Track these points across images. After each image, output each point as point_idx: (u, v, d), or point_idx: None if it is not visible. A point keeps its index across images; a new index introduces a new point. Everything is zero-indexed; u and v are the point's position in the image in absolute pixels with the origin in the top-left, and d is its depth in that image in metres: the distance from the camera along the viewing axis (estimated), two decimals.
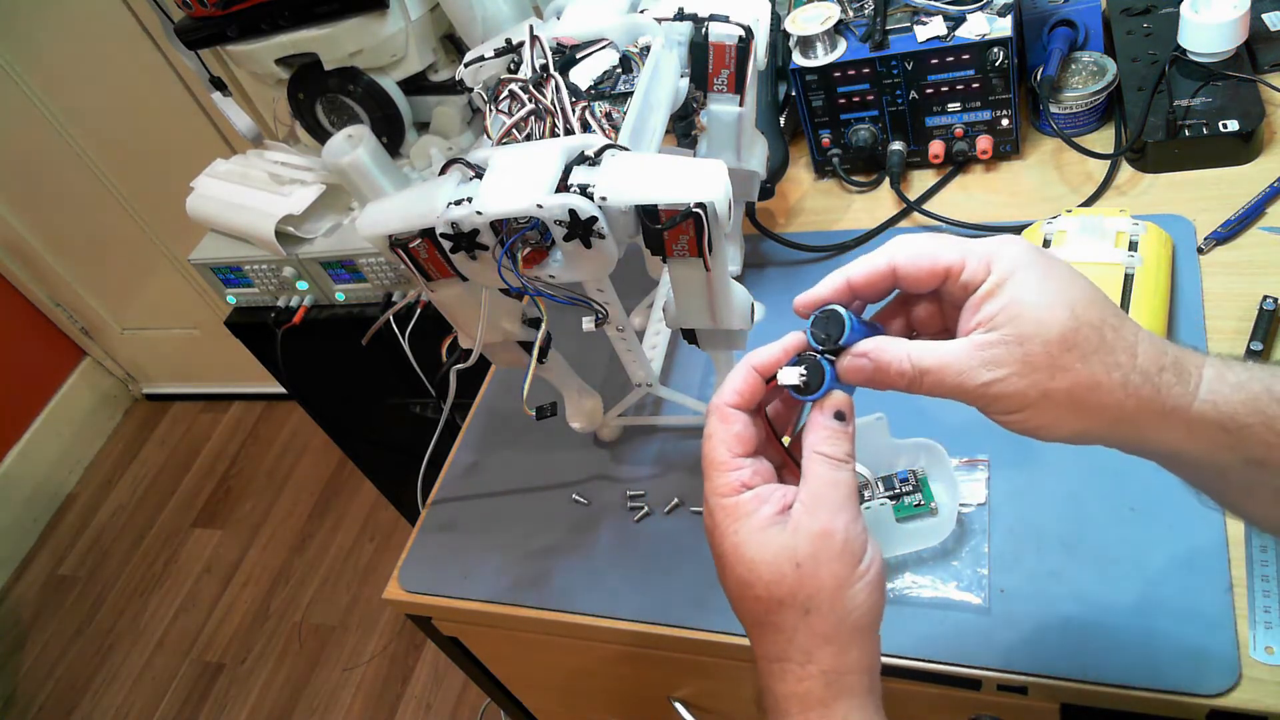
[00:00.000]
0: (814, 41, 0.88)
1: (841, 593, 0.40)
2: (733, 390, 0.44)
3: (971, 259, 0.40)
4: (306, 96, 1.04)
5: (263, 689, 1.95)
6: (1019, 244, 0.41)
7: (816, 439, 0.42)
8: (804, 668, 0.41)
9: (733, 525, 0.42)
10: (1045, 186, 0.89)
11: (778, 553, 0.40)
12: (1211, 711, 0.55)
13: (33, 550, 2.48)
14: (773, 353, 0.44)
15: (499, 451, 0.88)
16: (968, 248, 0.41)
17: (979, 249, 0.40)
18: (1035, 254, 0.40)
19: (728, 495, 0.42)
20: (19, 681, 2.15)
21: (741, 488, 0.42)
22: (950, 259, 0.40)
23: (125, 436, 2.71)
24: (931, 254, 0.41)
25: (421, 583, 0.80)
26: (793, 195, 0.99)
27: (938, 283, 0.41)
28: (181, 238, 2.13)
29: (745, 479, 0.43)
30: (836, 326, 0.42)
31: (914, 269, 0.41)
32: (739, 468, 0.43)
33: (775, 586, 0.40)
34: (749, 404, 0.44)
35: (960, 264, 0.40)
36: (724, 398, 0.44)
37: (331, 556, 2.15)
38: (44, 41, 1.81)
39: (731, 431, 0.43)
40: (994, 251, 0.40)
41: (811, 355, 0.43)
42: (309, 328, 1.20)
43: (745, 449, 0.43)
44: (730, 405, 0.44)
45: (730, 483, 0.42)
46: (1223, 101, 0.81)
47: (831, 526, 0.40)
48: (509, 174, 0.54)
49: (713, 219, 0.51)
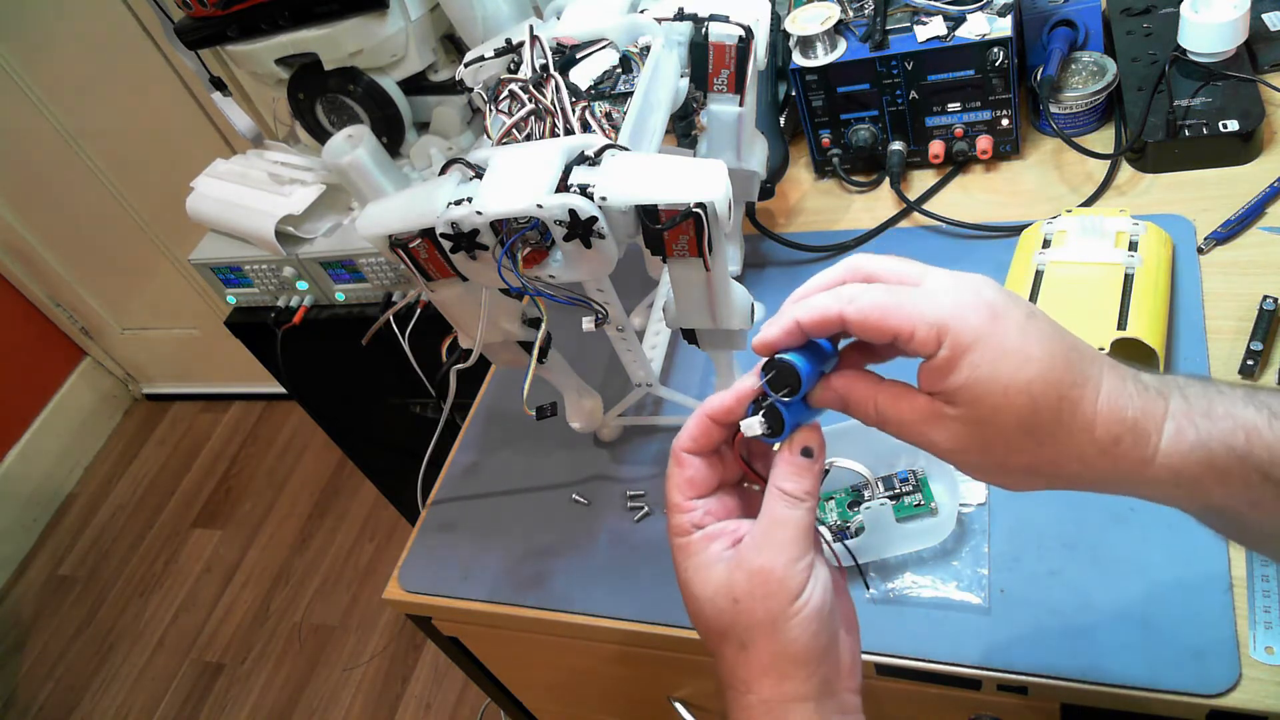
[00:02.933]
0: (814, 41, 0.88)
1: (775, 627, 0.41)
2: (688, 436, 0.45)
3: (921, 328, 0.38)
4: (306, 96, 1.04)
5: (263, 689, 1.95)
6: (972, 313, 0.38)
7: (778, 473, 0.43)
8: (745, 696, 0.42)
9: (683, 562, 0.44)
10: (1045, 186, 0.89)
11: (717, 589, 0.42)
12: (1211, 711, 0.55)
13: (33, 550, 2.48)
14: (725, 401, 0.44)
15: (499, 451, 0.88)
16: (918, 313, 0.38)
17: (930, 315, 0.38)
18: (990, 323, 0.38)
19: (679, 535, 0.44)
20: (19, 681, 2.15)
21: (691, 528, 0.44)
22: (898, 325, 0.38)
23: (125, 436, 2.71)
24: (879, 317, 0.39)
25: (421, 583, 0.80)
26: (793, 195, 0.99)
27: (888, 341, 0.40)
28: (181, 238, 2.13)
29: (695, 519, 0.44)
30: (792, 378, 0.41)
31: (862, 327, 0.40)
32: (690, 509, 0.44)
33: (715, 621, 0.42)
34: (703, 449, 0.45)
35: (909, 332, 0.38)
36: (680, 442, 0.45)
37: (331, 556, 2.15)
38: (44, 42, 1.81)
39: (685, 475, 0.44)
40: (945, 322, 0.38)
41: (769, 402, 0.42)
42: (309, 328, 1.20)
43: (697, 491, 0.45)
44: (685, 450, 0.45)
45: (681, 524, 0.44)
46: (1223, 101, 0.81)
47: (770, 565, 0.41)
48: (509, 174, 0.54)
49: (713, 219, 0.51)
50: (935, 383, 0.39)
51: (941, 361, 0.38)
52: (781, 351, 0.42)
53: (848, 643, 0.44)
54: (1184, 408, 0.39)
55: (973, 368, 0.38)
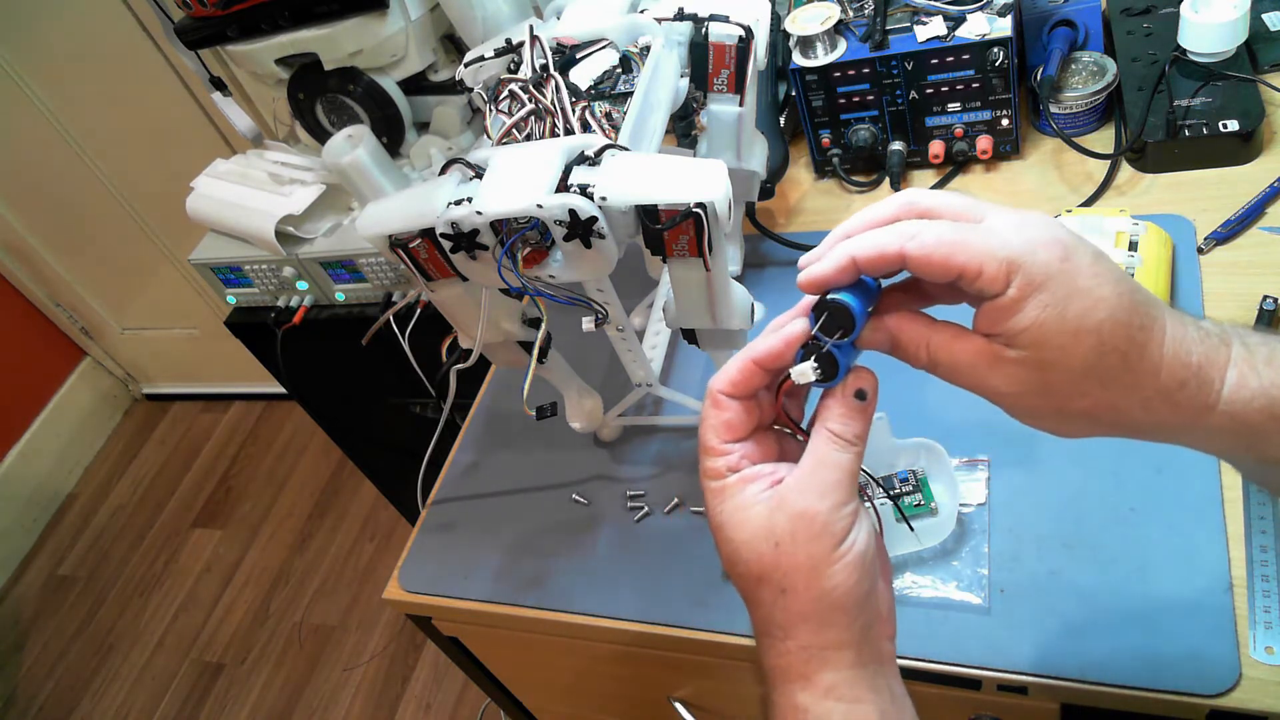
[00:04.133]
0: (814, 41, 0.88)
1: (818, 573, 0.40)
2: (727, 379, 0.43)
3: (990, 265, 0.36)
4: (306, 96, 1.04)
5: (263, 689, 1.95)
6: (1043, 251, 0.37)
7: (829, 415, 0.41)
8: (783, 643, 0.41)
9: (718, 505, 0.43)
10: (1045, 186, 0.89)
11: (755, 532, 0.41)
12: (1211, 711, 0.55)
13: (33, 550, 2.48)
14: (772, 346, 0.42)
15: (499, 451, 0.88)
16: (987, 250, 0.37)
17: (999, 252, 0.36)
18: (1061, 262, 0.37)
19: (714, 479, 0.43)
20: (19, 681, 2.15)
21: (727, 471, 0.43)
22: (964, 262, 0.37)
23: (125, 436, 2.71)
24: (945, 254, 0.37)
25: (421, 583, 0.80)
26: (793, 195, 0.99)
27: (951, 279, 0.38)
28: (181, 238, 2.13)
29: (732, 463, 0.43)
30: (846, 320, 0.40)
31: (925, 265, 0.38)
32: (726, 453, 0.43)
33: (754, 564, 0.41)
34: (743, 393, 0.43)
35: (977, 269, 0.37)
36: (718, 384, 0.43)
37: (331, 556, 2.15)
38: (44, 42, 1.81)
39: (722, 418, 0.43)
40: (1016, 258, 0.36)
41: (818, 345, 0.40)
42: (309, 328, 1.20)
43: (734, 434, 0.43)
44: (723, 392, 0.43)
45: (716, 467, 0.43)
46: (1223, 101, 0.81)
47: (814, 508, 0.40)
48: (509, 174, 0.54)
49: (713, 219, 0.51)
50: (998, 323, 0.37)
51: (1009, 301, 0.37)
52: (831, 291, 0.40)
53: (884, 591, 0.44)
54: (1245, 354, 0.38)
55: (1042, 308, 0.36)
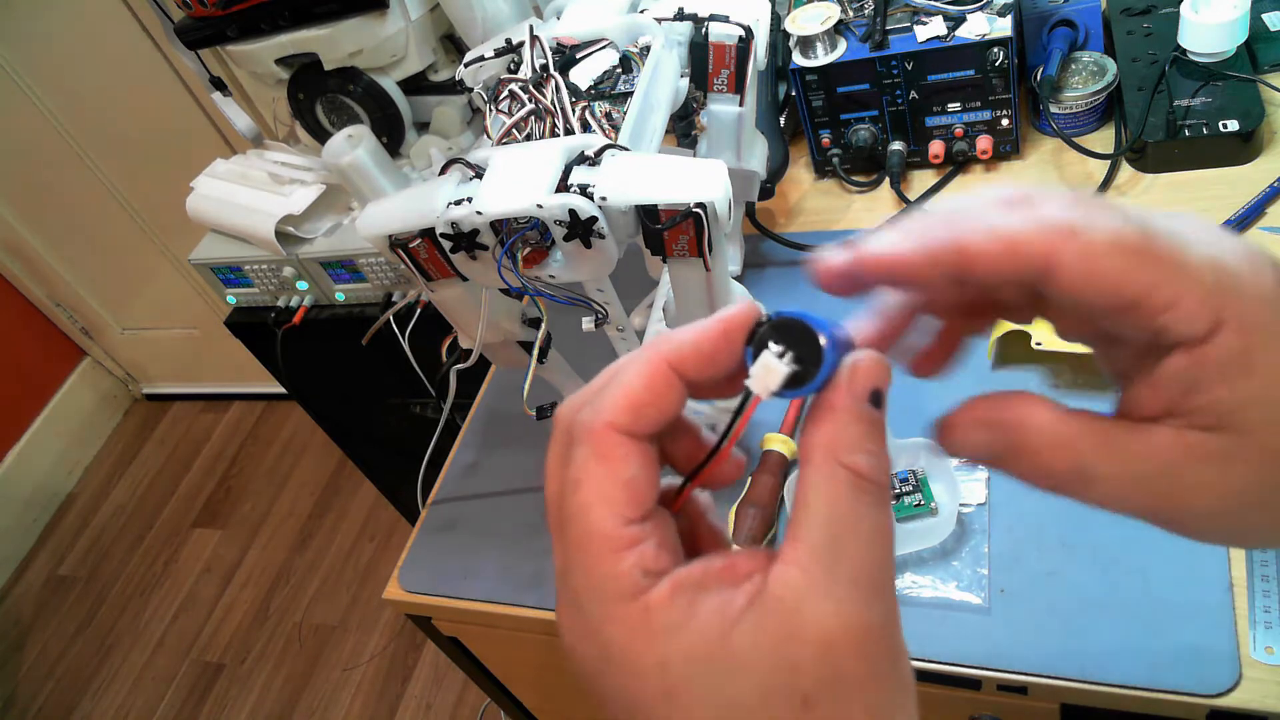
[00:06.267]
0: (814, 41, 0.88)
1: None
2: (627, 402, 0.25)
3: (1190, 291, 0.23)
4: (306, 96, 1.04)
5: (263, 689, 1.95)
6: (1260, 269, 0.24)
7: (838, 439, 0.24)
8: None
9: (649, 648, 0.23)
10: (1045, 187, 0.88)
11: (756, 687, 0.22)
12: (1211, 711, 0.55)
13: (33, 550, 2.48)
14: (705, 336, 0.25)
15: (499, 451, 0.88)
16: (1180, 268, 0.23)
17: (1203, 274, 0.23)
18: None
19: (626, 597, 0.24)
20: (19, 681, 2.15)
21: (643, 576, 0.24)
22: (1150, 282, 0.23)
23: (125, 436, 2.71)
24: (1121, 267, 0.23)
25: (421, 583, 0.80)
26: (793, 195, 0.99)
27: (1114, 307, 0.23)
28: (181, 238, 2.13)
29: (648, 560, 0.24)
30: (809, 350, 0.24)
31: (1085, 279, 0.23)
32: (635, 541, 0.24)
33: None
34: (654, 425, 0.25)
35: (1169, 297, 0.23)
36: (608, 413, 0.25)
37: (331, 556, 2.15)
38: (44, 41, 1.81)
39: (620, 478, 0.25)
40: (1228, 282, 0.23)
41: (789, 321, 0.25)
42: (309, 328, 1.20)
43: (641, 506, 0.25)
44: (621, 428, 0.25)
45: (624, 574, 0.24)
46: (1223, 101, 0.81)
47: (865, 620, 0.24)
48: (509, 174, 0.54)
49: (713, 219, 0.51)
50: (1194, 392, 0.23)
51: (1230, 353, 0.23)
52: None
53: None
54: None
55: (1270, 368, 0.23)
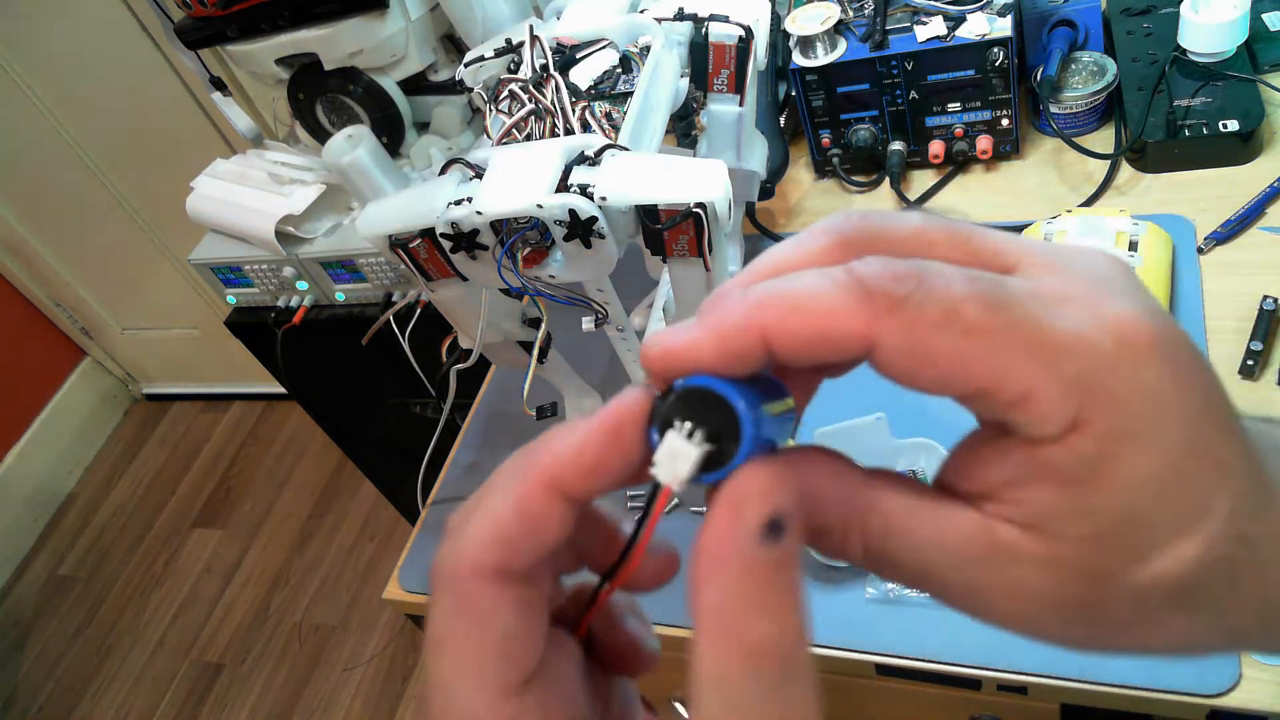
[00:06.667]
0: (814, 41, 0.88)
1: None
2: (494, 535, 0.21)
3: (1044, 386, 0.19)
4: (306, 96, 1.04)
5: (263, 689, 1.95)
6: (1141, 368, 0.19)
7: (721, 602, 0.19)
8: None
9: None
10: (1045, 186, 0.89)
11: None
12: (1211, 711, 0.55)
13: (33, 550, 2.48)
14: (588, 440, 0.21)
15: (499, 451, 0.88)
16: (1036, 351, 0.19)
17: (1065, 361, 0.19)
18: (1165, 389, 0.19)
19: None
20: (19, 681, 2.15)
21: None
22: (987, 372, 0.19)
23: (125, 436, 2.71)
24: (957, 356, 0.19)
25: (421, 583, 0.80)
26: (793, 195, 0.99)
27: (962, 394, 0.20)
28: (181, 238, 2.13)
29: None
30: (723, 422, 0.20)
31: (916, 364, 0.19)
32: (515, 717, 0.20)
33: None
34: (531, 559, 0.21)
35: (1014, 390, 0.19)
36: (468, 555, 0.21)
37: (331, 556, 2.15)
38: (44, 41, 1.81)
39: (491, 638, 0.21)
40: (1096, 379, 0.19)
41: (696, 391, 0.20)
42: (309, 328, 1.20)
43: (522, 668, 0.21)
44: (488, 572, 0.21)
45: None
46: (1223, 101, 0.81)
47: None
48: (509, 174, 0.54)
49: (712, 219, 0.51)
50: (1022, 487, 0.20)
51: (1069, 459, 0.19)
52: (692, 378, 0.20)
53: None
54: None
55: (1130, 468, 0.19)
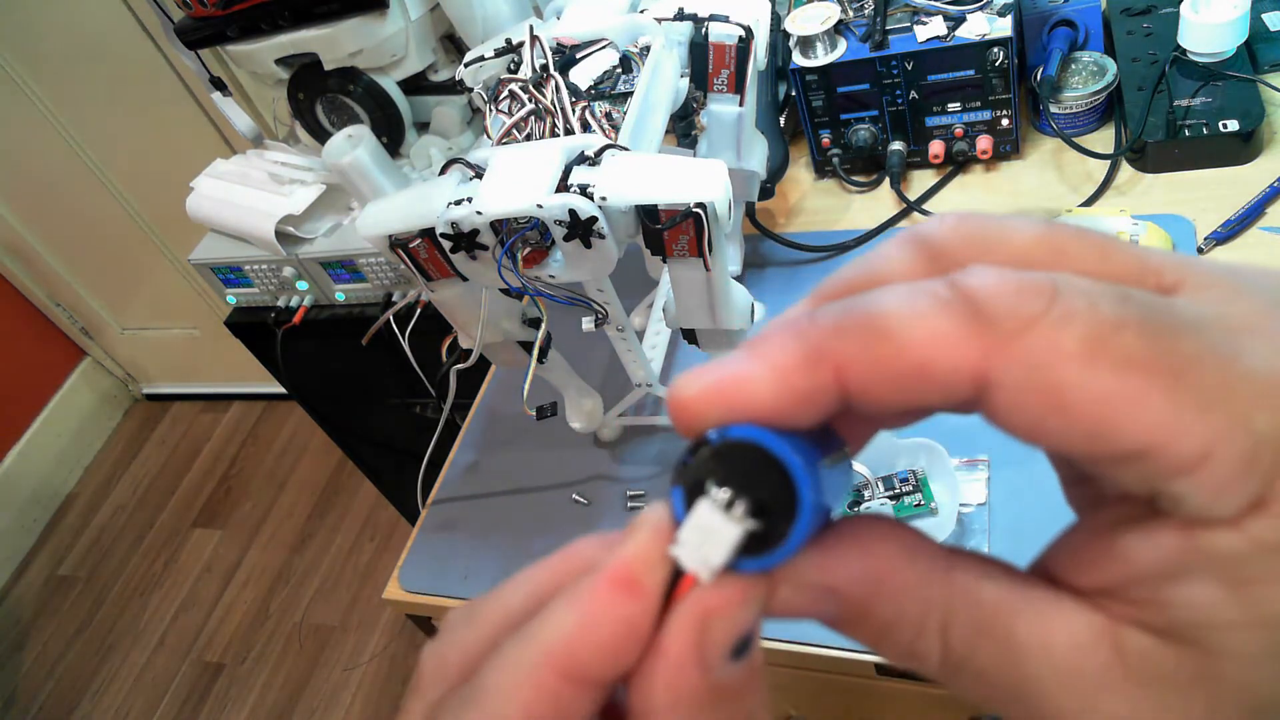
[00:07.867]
0: (814, 41, 0.88)
1: None
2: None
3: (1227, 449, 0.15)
4: (306, 96, 1.04)
5: (263, 689, 1.95)
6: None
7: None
8: None
9: None
10: (1045, 186, 0.89)
11: None
12: None
13: (33, 550, 2.48)
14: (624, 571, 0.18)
15: (499, 451, 0.88)
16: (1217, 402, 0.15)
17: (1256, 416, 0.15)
18: None
19: None
20: (19, 681, 2.15)
21: None
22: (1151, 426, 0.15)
23: (125, 436, 2.71)
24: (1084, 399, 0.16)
25: (421, 583, 0.80)
26: (793, 195, 0.99)
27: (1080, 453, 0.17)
28: (181, 238, 2.13)
29: None
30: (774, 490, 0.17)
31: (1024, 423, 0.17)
32: None
33: None
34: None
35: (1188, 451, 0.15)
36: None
37: (331, 556, 2.15)
38: (44, 41, 1.81)
39: None
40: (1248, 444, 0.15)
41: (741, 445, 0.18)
42: (309, 328, 1.20)
43: None
44: None
45: None
46: (1223, 101, 0.81)
47: None
48: (509, 174, 0.54)
49: (713, 219, 0.51)
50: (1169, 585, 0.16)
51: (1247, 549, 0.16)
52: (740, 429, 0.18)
53: None
54: None
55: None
